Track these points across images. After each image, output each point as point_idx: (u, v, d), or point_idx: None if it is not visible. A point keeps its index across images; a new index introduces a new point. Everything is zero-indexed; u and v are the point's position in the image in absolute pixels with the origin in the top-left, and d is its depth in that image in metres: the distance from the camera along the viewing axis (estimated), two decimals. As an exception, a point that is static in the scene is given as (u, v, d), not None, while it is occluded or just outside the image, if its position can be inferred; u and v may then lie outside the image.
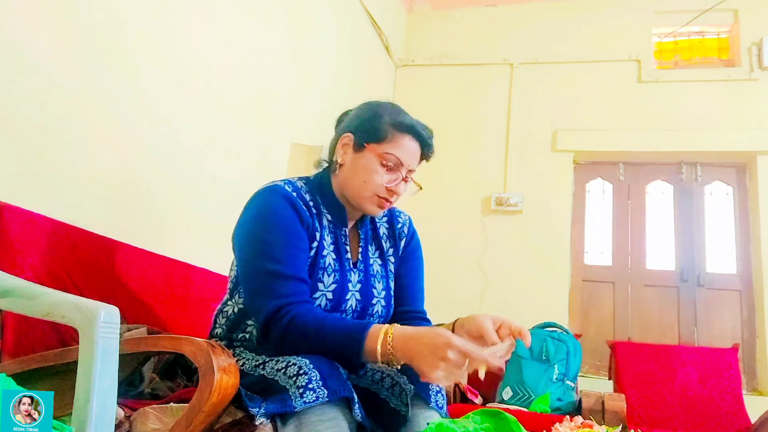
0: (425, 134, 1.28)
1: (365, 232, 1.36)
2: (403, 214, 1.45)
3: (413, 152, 1.27)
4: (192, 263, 1.94)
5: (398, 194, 1.26)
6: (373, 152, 1.24)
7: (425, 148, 1.29)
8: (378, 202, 1.26)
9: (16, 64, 1.49)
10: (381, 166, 1.24)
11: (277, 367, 1.07)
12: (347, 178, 1.27)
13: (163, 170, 2.06)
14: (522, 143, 4.18)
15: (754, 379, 3.63)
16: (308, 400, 0.99)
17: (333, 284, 1.25)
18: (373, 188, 1.24)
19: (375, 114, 1.27)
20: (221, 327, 1.29)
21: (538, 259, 3.95)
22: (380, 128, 1.25)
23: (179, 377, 1.38)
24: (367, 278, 1.31)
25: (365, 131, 1.26)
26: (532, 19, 4.38)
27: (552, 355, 3.02)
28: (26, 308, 1.00)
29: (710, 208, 3.98)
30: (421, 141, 1.28)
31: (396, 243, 1.39)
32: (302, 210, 1.22)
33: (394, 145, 1.24)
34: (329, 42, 3.35)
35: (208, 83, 2.29)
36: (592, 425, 1.11)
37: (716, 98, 3.92)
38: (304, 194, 1.27)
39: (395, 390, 1.17)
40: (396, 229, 1.41)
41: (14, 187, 1.46)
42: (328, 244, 1.27)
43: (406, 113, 1.29)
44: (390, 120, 1.25)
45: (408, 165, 1.26)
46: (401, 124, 1.25)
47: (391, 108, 1.29)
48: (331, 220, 1.30)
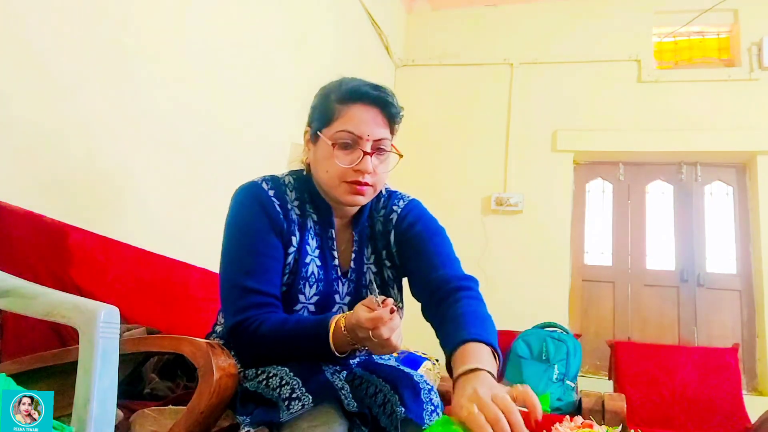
0: (376, 93, 1.11)
1: (360, 231, 1.21)
2: (401, 200, 1.25)
3: (368, 119, 1.10)
4: (192, 263, 1.94)
5: (369, 172, 1.09)
6: (326, 136, 1.11)
7: (385, 107, 1.12)
8: (350, 188, 1.10)
9: (16, 64, 1.49)
10: (337, 149, 1.10)
11: (259, 379, 1.04)
12: (315, 174, 1.15)
13: (163, 170, 2.06)
14: (522, 143, 4.18)
15: (754, 379, 3.63)
16: (294, 410, 0.95)
17: (315, 296, 1.13)
18: (337, 174, 1.10)
19: (323, 97, 1.15)
20: (221, 325, 1.28)
21: (538, 259, 3.95)
22: (328, 108, 1.12)
23: (179, 377, 1.38)
24: (357, 290, 1.18)
25: (317, 119, 1.15)
26: (532, 19, 4.38)
27: (552, 355, 3.02)
28: (26, 308, 1.00)
29: (710, 208, 3.98)
30: (375, 102, 1.11)
31: (387, 239, 1.21)
32: (274, 212, 1.12)
33: (343, 121, 1.10)
34: (329, 42, 3.35)
35: (208, 83, 2.29)
36: (592, 425, 1.11)
37: (716, 98, 3.91)
38: (288, 192, 1.16)
39: (386, 408, 1.07)
40: (386, 223, 1.22)
41: (14, 187, 1.46)
42: (312, 249, 1.15)
43: (355, 81, 1.14)
44: (335, 97, 1.12)
45: (368, 135, 1.09)
46: (344, 95, 1.11)
47: (338, 83, 1.15)
48: (317, 220, 1.17)
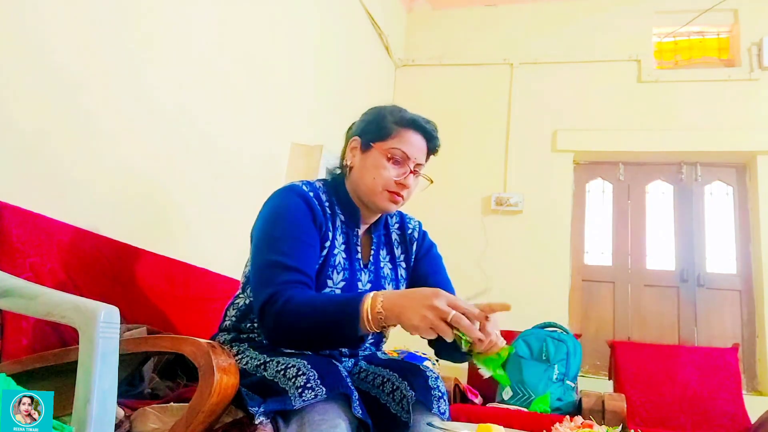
0: (428, 127, 1.32)
1: (378, 236, 1.40)
2: (413, 220, 1.49)
3: (418, 145, 1.31)
4: (192, 263, 1.94)
5: (408, 187, 1.29)
6: (380, 149, 1.29)
7: (430, 141, 1.33)
8: (389, 197, 1.29)
9: (16, 64, 1.49)
10: (388, 161, 1.28)
11: (278, 369, 1.07)
12: (358, 178, 1.31)
13: (163, 170, 2.06)
14: (522, 143, 4.18)
15: (754, 379, 3.63)
16: (307, 398, 1.00)
17: (342, 281, 1.27)
18: (382, 183, 1.28)
19: (378, 115, 1.33)
20: (230, 319, 1.32)
21: (538, 259, 3.94)
22: (384, 127, 1.30)
23: (179, 377, 1.38)
24: (377, 279, 1.34)
25: (370, 132, 1.32)
26: (532, 19, 4.38)
27: (552, 355, 3.02)
28: (26, 308, 1.00)
29: (710, 208, 3.98)
30: (424, 134, 1.32)
31: (408, 248, 1.43)
32: (316, 208, 1.25)
33: (399, 140, 1.29)
34: (329, 42, 3.35)
35: (207, 82, 2.29)
36: (592, 425, 1.11)
37: (716, 98, 3.91)
38: (321, 194, 1.30)
39: (396, 396, 1.16)
40: (407, 235, 1.44)
41: (14, 187, 1.46)
42: (339, 244, 1.29)
43: (408, 111, 1.34)
44: (392, 118, 1.31)
45: (414, 158, 1.30)
46: (403, 120, 1.30)
47: (393, 108, 1.35)
48: (344, 220, 1.32)
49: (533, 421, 2.45)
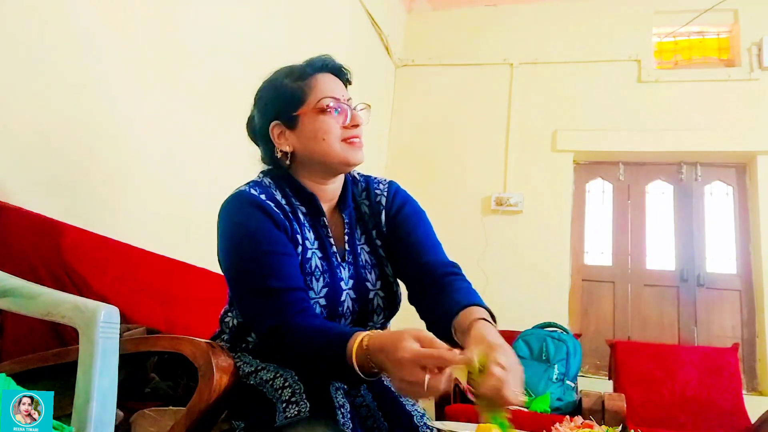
0: (330, 63, 1.24)
1: (349, 214, 1.26)
2: (382, 183, 1.32)
3: (333, 83, 1.22)
4: (192, 263, 1.94)
5: (359, 124, 1.20)
6: (307, 112, 1.18)
7: (340, 75, 1.25)
8: (350, 146, 1.19)
9: (16, 64, 1.49)
10: (324, 115, 1.18)
11: (266, 378, 1.04)
12: (309, 154, 1.19)
13: (163, 170, 2.06)
14: (522, 143, 4.18)
15: (754, 379, 3.63)
16: (290, 414, 0.95)
17: (324, 288, 1.16)
18: (334, 136, 1.18)
19: (277, 88, 1.23)
20: (225, 335, 1.26)
21: (538, 259, 3.95)
22: (293, 91, 1.20)
23: (180, 377, 1.38)
24: (357, 271, 1.21)
25: (284, 105, 1.20)
26: (532, 19, 4.38)
27: (552, 355, 3.02)
28: (26, 308, 1.00)
29: (710, 208, 3.98)
30: (332, 71, 1.24)
31: (377, 220, 1.27)
32: (274, 212, 1.14)
33: (317, 91, 1.19)
34: (329, 42, 3.35)
35: (207, 82, 2.29)
36: (592, 425, 1.11)
37: (716, 98, 3.91)
38: (274, 192, 1.19)
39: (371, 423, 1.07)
40: (373, 204, 1.29)
41: (14, 187, 1.46)
42: (312, 242, 1.18)
43: (297, 64, 1.25)
44: (293, 79, 1.21)
45: (342, 96, 1.21)
46: (304, 73, 1.22)
47: (283, 71, 1.25)
48: (305, 211, 1.21)
49: (533, 421, 2.45)
